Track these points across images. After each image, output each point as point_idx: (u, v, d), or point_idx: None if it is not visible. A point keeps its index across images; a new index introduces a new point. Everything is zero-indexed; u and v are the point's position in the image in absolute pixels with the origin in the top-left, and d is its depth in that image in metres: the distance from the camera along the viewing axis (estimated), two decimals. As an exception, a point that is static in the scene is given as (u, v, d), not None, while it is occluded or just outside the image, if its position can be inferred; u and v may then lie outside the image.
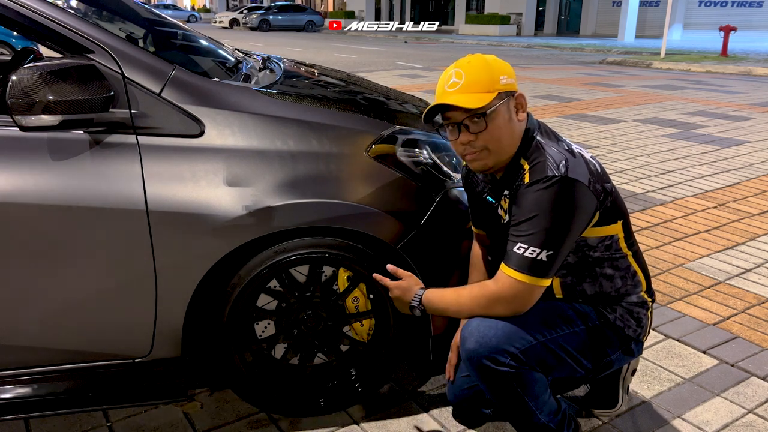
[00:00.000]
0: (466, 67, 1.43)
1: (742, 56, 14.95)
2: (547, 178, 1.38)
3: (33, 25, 1.47)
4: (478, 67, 1.43)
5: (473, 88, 1.41)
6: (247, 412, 1.85)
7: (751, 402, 1.91)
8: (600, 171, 1.48)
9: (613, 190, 1.49)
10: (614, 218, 1.50)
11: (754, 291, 2.66)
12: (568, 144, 1.50)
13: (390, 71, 11.91)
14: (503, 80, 1.43)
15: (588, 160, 1.47)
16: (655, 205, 3.82)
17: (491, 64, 1.44)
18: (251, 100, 1.67)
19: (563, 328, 1.51)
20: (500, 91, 1.43)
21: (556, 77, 10.95)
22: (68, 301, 1.55)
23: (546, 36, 27.10)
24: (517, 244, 1.40)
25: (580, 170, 1.41)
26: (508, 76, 1.45)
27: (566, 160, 1.41)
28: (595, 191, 1.42)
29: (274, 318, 1.76)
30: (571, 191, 1.38)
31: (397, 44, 21.46)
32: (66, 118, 1.40)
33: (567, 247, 1.42)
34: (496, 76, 1.43)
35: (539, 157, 1.43)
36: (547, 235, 1.38)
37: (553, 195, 1.37)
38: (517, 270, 1.41)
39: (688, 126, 6.41)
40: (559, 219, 1.38)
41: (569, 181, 1.37)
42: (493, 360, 1.44)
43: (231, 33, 29.59)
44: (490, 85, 1.42)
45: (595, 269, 1.53)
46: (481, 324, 1.47)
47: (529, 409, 1.51)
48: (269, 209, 1.56)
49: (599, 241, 1.50)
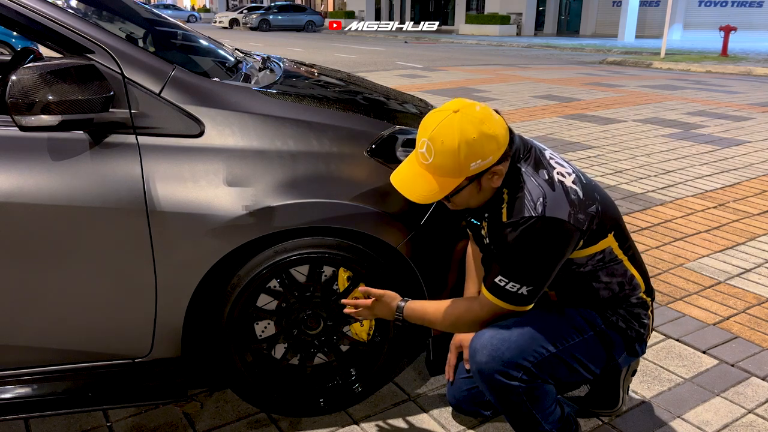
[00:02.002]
0: (438, 145, 1.34)
1: (742, 56, 14.95)
2: (524, 219, 1.36)
3: (33, 25, 1.47)
4: (447, 152, 1.34)
5: (437, 172, 1.38)
6: (247, 412, 1.85)
7: (751, 402, 1.91)
8: (582, 197, 1.42)
9: (598, 210, 1.45)
10: (604, 234, 1.47)
11: (754, 291, 2.66)
12: (549, 171, 1.43)
13: (390, 71, 11.90)
14: (474, 166, 1.35)
15: (569, 189, 1.41)
16: (655, 205, 3.82)
17: (463, 151, 1.33)
18: (251, 100, 1.67)
19: (573, 337, 1.51)
20: (468, 176, 1.38)
21: (556, 77, 10.95)
22: (68, 301, 1.55)
23: (546, 36, 27.10)
24: (499, 276, 1.42)
25: (560, 205, 1.37)
26: (483, 158, 1.35)
27: (544, 197, 1.37)
28: (577, 222, 1.39)
29: (274, 318, 1.76)
30: (550, 230, 1.36)
31: (397, 44, 21.46)
32: (66, 118, 1.40)
33: (549, 280, 1.43)
34: (465, 164, 1.35)
35: (518, 192, 1.40)
36: (526, 273, 1.39)
37: (529, 235, 1.36)
38: (498, 299, 1.44)
39: (688, 126, 6.41)
40: (538, 258, 1.38)
41: (547, 220, 1.35)
42: (505, 375, 1.44)
43: (231, 33, 29.59)
44: (456, 173, 1.37)
45: (589, 280, 1.52)
46: (494, 337, 1.46)
47: (535, 420, 1.51)
48: (269, 209, 1.56)
49: (588, 258, 1.49)
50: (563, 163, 1.50)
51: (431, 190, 1.40)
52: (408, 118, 1.96)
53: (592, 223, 1.43)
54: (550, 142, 5.49)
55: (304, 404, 1.83)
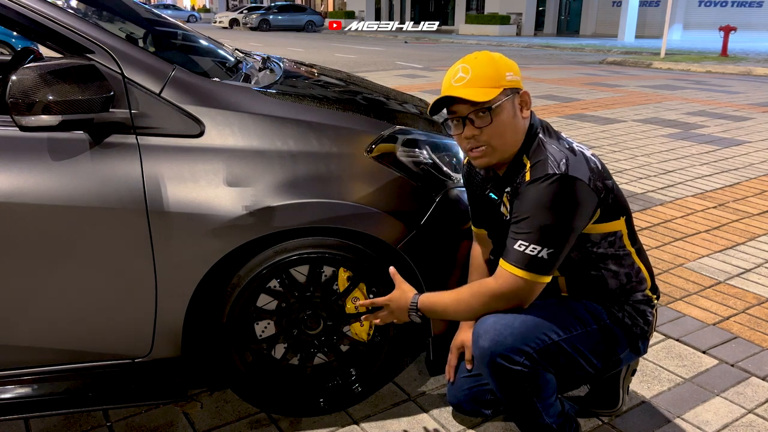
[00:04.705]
0: (472, 62, 1.45)
1: (742, 56, 14.95)
2: (548, 176, 1.39)
3: (33, 25, 1.47)
4: (485, 62, 1.45)
5: (479, 83, 1.42)
6: (247, 412, 1.85)
7: (751, 402, 1.91)
8: (601, 168, 1.49)
9: (614, 187, 1.50)
10: (617, 215, 1.51)
11: (754, 291, 2.66)
12: (569, 142, 1.51)
13: (390, 71, 11.90)
14: (509, 77, 1.45)
15: (589, 157, 1.48)
16: (655, 205, 3.82)
17: (497, 61, 1.46)
18: (251, 100, 1.67)
19: (577, 328, 1.52)
20: (506, 87, 1.45)
21: (556, 77, 10.95)
22: (68, 301, 1.55)
23: (546, 36, 27.09)
24: (518, 242, 1.41)
25: (581, 168, 1.42)
26: (513, 73, 1.47)
27: (567, 159, 1.42)
28: (596, 188, 1.43)
29: (274, 318, 1.76)
30: (572, 189, 1.39)
31: (397, 44, 21.46)
32: (66, 118, 1.40)
33: (568, 245, 1.42)
34: (502, 72, 1.44)
35: (540, 155, 1.44)
36: (548, 233, 1.39)
37: (554, 193, 1.38)
38: (517, 267, 1.41)
39: (688, 126, 6.41)
40: (559, 217, 1.39)
41: (569, 178, 1.39)
42: (507, 359, 1.44)
43: (231, 33, 29.59)
44: (495, 81, 1.43)
45: (599, 265, 1.53)
46: (497, 323, 1.46)
47: (536, 410, 1.52)
48: (269, 209, 1.56)
49: (602, 237, 1.51)
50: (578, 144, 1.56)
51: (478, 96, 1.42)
52: (408, 118, 1.96)
53: (608, 196, 1.47)
54: (550, 142, 5.48)
55: (304, 404, 1.83)
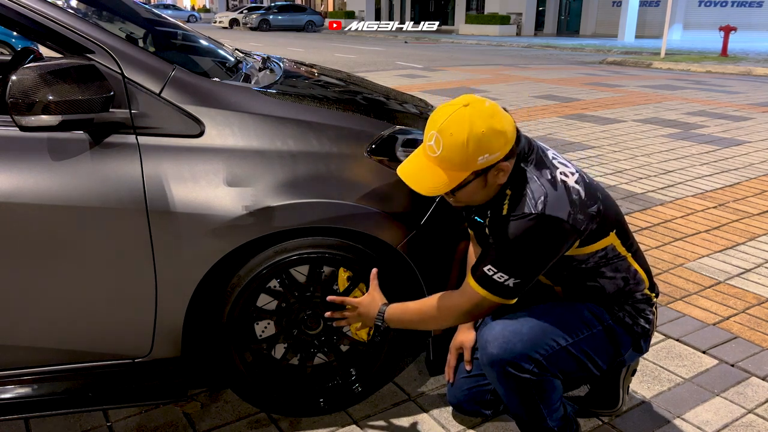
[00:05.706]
0: (447, 139, 1.34)
1: (742, 56, 14.95)
2: (524, 215, 1.37)
3: (33, 25, 1.47)
4: (456, 146, 1.33)
5: (445, 165, 1.37)
6: (247, 412, 1.85)
7: (751, 402, 1.91)
8: (584, 197, 1.43)
9: (600, 210, 1.45)
10: (605, 233, 1.48)
11: (754, 291, 2.66)
12: (553, 172, 1.44)
13: (390, 71, 11.90)
14: (481, 160, 1.35)
15: (571, 188, 1.42)
16: (655, 205, 3.82)
17: (472, 144, 1.33)
18: (251, 100, 1.67)
19: (583, 331, 1.52)
20: (475, 170, 1.38)
21: (556, 77, 10.95)
22: (68, 301, 1.55)
23: (546, 36, 27.09)
24: (488, 265, 1.41)
25: (560, 204, 1.38)
26: (491, 152, 1.34)
27: (545, 196, 1.38)
28: (576, 223, 1.39)
29: (274, 318, 1.76)
30: (546, 228, 1.37)
31: (397, 44, 21.45)
32: (66, 118, 1.40)
33: (535, 276, 1.43)
34: (473, 158, 1.34)
35: (521, 190, 1.41)
36: (516, 266, 1.39)
37: (526, 230, 1.37)
38: (483, 288, 1.43)
39: (688, 126, 6.41)
40: (530, 254, 1.39)
41: (545, 218, 1.37)
42: (516, 366, 1.44)
43: (231, 33, 29.58)
44: (463, 166, 1.36)
45: (593, 275, 1.53)
46: (505, 329, 1.47)
47: (540, 414, 1.52)
48: (269, 209, 1.56)
49: (589, 256, 1.49)
50: (566, 162, 1.51)
51: (438, 183, 1.39)
52: (408, 118, 1.96)
53: (591, 222, 1.44)
54: (550, 142, 5.49)
55: (304, 404, 1.83)
